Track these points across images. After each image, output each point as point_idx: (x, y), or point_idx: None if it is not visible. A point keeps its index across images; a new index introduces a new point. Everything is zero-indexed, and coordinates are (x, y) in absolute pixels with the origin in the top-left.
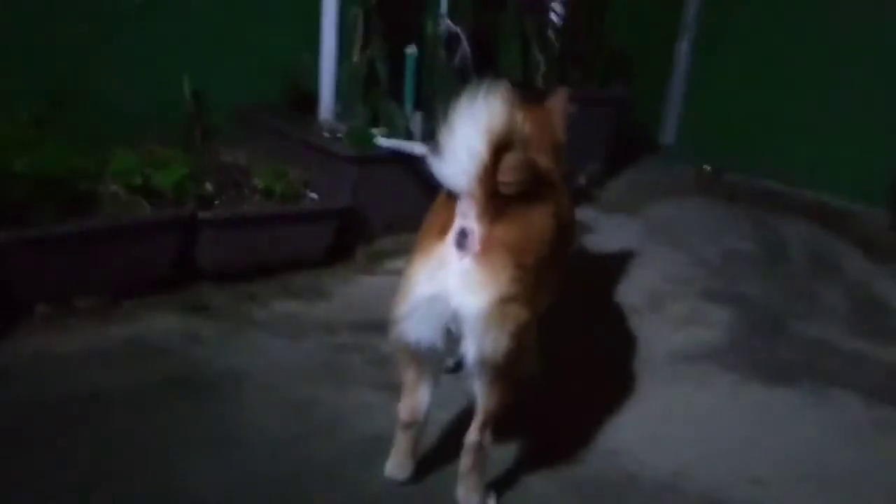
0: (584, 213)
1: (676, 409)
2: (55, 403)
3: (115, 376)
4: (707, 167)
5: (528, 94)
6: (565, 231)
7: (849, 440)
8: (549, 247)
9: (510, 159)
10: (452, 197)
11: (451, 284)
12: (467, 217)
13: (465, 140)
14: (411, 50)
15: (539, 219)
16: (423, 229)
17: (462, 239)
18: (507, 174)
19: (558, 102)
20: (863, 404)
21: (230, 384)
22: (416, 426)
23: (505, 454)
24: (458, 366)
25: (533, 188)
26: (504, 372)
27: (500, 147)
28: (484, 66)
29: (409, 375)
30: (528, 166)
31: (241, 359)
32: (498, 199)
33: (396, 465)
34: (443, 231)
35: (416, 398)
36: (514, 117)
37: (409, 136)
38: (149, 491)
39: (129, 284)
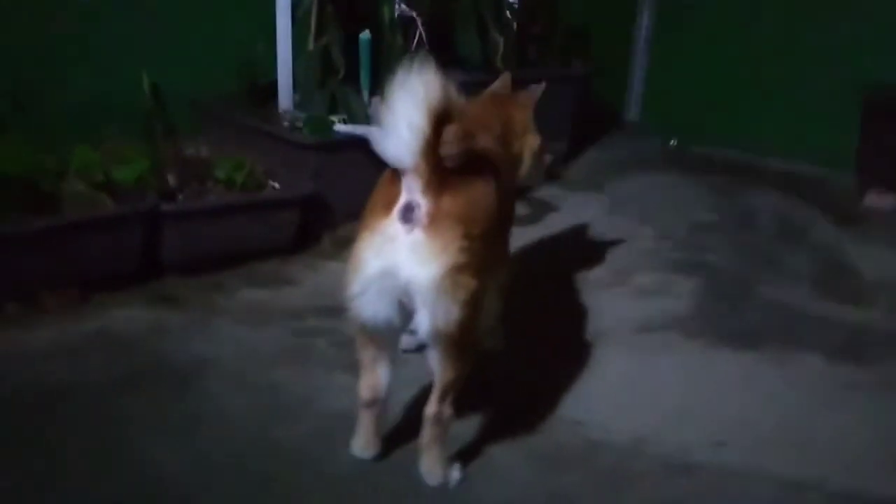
0: (548, 192)
1: (640, 377)
2: (23, 399)
3: (83, 370)
4: (673, 142)
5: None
6: (508, 209)
7: (811, 400)
8: (494, 219)
9: (451, 131)
10: (396, 173)
11: (401, 258)
12: (413, 191)
13: (405, 115)
14: (365, 35)
15: (483, 190)
16: (367, 207)
17: (408, 213)
18: (450, 145)
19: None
20: (826, 365)
21: (196, 373)
22: (378, 404)
23: (470, 427)
24: (422, 346)
25: (475, 161)
26: (458, 342)
27: (440, 120)
28: (442, 49)
29: (366, 354)
30: (469, 137)
31: (207, 347)
32: (442, 172)
33: (362, 443)
34: (387, 207)
35: (376, 376)
36: (450, 90)
37: (367, 121)
38: (116, 479)
39: (97, 279)
